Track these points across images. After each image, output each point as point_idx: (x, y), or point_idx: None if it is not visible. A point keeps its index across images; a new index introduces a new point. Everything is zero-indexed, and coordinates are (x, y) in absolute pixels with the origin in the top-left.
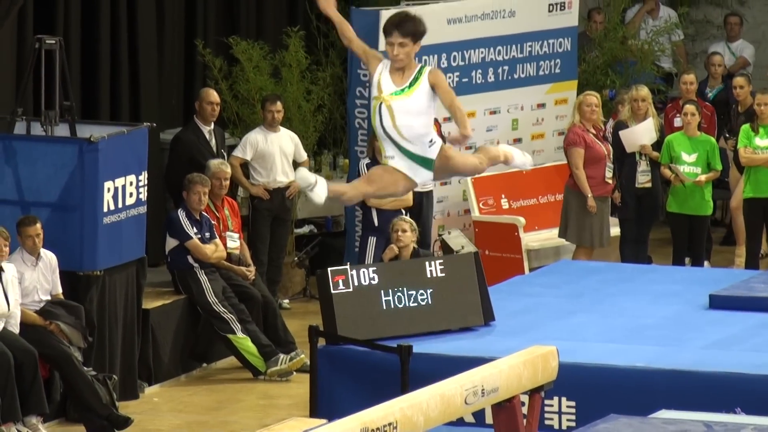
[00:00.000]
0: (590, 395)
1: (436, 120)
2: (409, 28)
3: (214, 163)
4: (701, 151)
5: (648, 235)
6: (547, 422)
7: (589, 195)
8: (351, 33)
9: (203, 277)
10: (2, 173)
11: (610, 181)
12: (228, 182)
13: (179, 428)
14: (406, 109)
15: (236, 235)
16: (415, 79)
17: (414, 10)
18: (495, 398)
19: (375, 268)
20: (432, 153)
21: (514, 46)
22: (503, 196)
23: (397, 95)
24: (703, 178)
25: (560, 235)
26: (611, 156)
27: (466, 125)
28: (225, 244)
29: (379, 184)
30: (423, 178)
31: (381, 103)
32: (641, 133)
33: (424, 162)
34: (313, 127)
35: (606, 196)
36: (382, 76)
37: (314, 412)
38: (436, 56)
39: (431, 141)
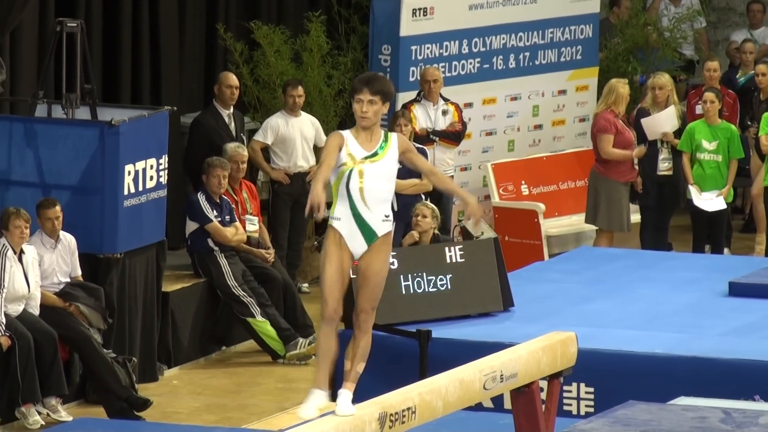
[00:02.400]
0: (609, 381)
1: (457, 105)
2: (378, 86)
3: (231, 146)
4: (722, 139)
5: (668, 222)
6: (565, 408)
7: (633, 153)
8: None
9: (223, 261)
10: (23, 156)
11: (636, 167)
12: (245, 165)
13: (198, 411)
14: (377, 173)
15: (255, 219)
16: (385, 142)
17: None
18: (514, 384)
19: (395, 253)
20: (380, 229)
21: (535, 33)
22: (523, 182)
23: (369, 159)
24: (724, 191)
25: (588, 221)
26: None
27: (450, 184)
28: (244, 227)
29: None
30: (356, 250)
31: (352, 169)
32: (663, 121)
33: (367, 233)
34: (333, 112)
35: (630, 182)
36: (348, 145)
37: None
38: (457, 42)
39: (386, 216)
